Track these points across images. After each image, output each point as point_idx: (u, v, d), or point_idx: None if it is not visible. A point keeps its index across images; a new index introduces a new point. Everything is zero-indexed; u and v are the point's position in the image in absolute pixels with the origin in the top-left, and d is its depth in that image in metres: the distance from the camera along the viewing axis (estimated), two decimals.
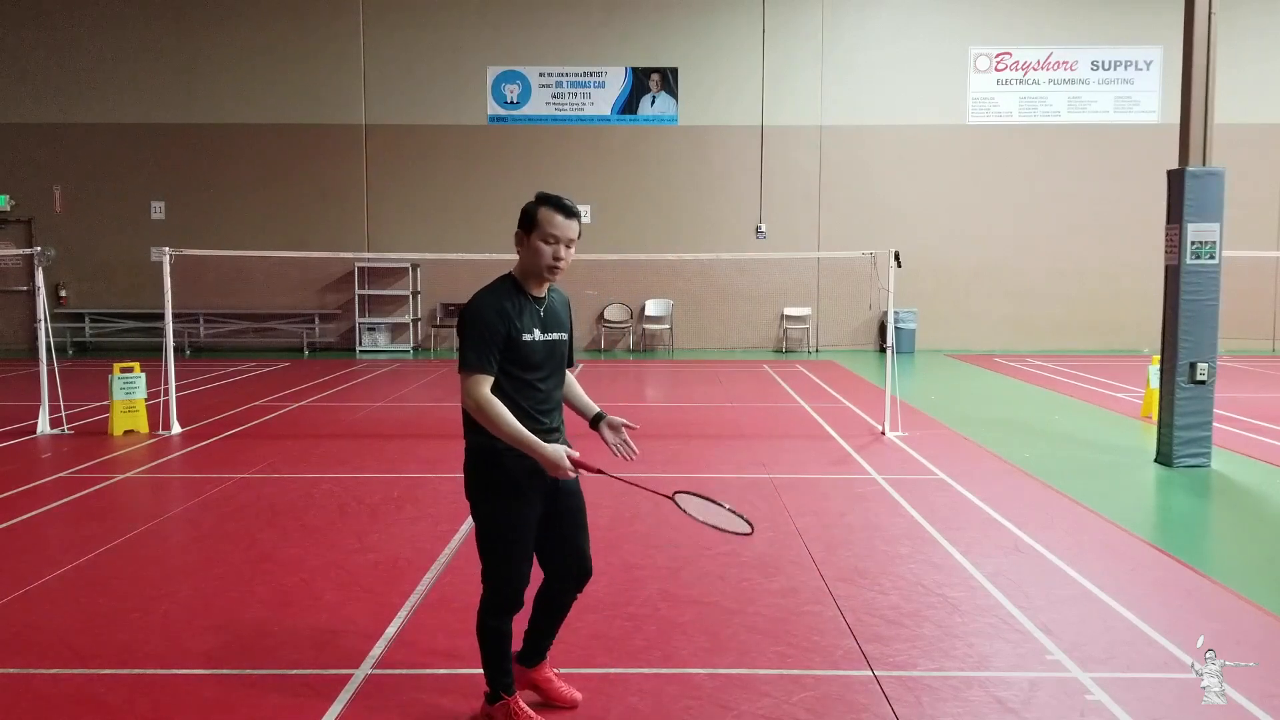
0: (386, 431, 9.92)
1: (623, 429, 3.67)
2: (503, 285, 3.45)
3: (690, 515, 3.48)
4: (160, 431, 9.60)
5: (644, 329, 18.55)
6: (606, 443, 3.67)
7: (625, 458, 3.67)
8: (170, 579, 5.29)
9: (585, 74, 18.39)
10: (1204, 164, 8.13)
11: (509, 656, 3.60)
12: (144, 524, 6.36)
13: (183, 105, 18.33)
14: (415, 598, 4.96)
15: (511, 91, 18.41)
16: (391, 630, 4.52)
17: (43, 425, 9.62)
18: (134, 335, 18.12)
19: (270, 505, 6.84)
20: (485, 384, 3.34)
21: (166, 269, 9.90)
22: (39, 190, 18.30)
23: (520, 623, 3.64)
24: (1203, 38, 8.18)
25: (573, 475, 3.41)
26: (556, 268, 3.41)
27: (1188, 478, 7.87)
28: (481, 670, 3.58)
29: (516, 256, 3.50)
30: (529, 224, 3.42)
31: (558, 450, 3.35)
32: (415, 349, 18.48)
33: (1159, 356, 8.57)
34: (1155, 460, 8.40)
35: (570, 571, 3.66)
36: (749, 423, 10.43)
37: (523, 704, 3.61)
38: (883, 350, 16.38)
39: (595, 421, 3.69)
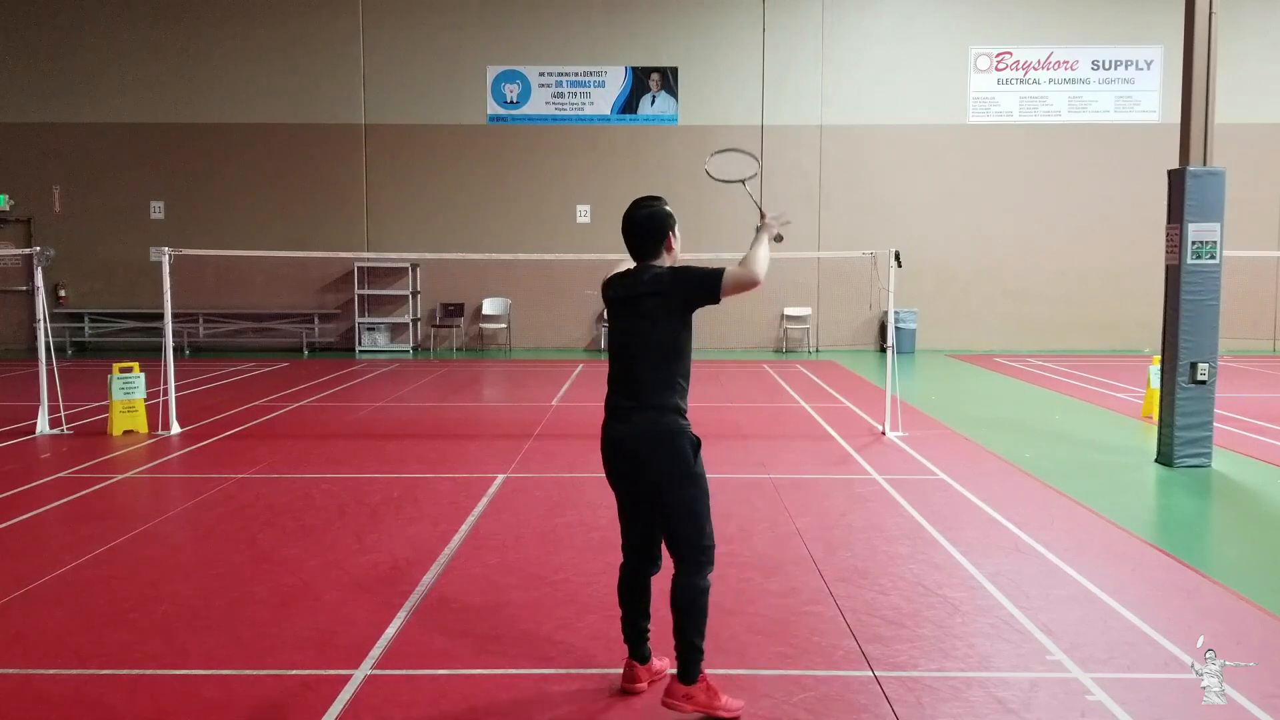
0: (386, 431, 9.92)
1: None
2: None
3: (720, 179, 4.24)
4: (160, 431, 9.60)
5: None
6: None
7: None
8: (170, 579, 5.28)
9: (585, 74, 18.38)
10: (1204, 164, 8.13)
11: None
12: (144, 524, 6.36)
13: (182, 105, 18.32)
14: (415, 598, 4.96)
15: (511, 91, 18.40)
16: (391, 630, 4.52)
17: (42, 425, 9.62)
18: (133, 335, 18.11)
19: (270, 505, 6.84)
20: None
21: (166, 269, 9.90)
22: (38, 190, 18.28)
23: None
24: (1203, 38, 8.18)
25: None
26: None
27: (1188, 478, 7.87)
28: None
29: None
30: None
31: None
32: (415, 349, 18.47)
33: (1159, 356, 8.57)
34: (1156, 460, 8.40)
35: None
36: (749, 423, 10.42)
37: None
38: (883, 350, 16.38)
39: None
